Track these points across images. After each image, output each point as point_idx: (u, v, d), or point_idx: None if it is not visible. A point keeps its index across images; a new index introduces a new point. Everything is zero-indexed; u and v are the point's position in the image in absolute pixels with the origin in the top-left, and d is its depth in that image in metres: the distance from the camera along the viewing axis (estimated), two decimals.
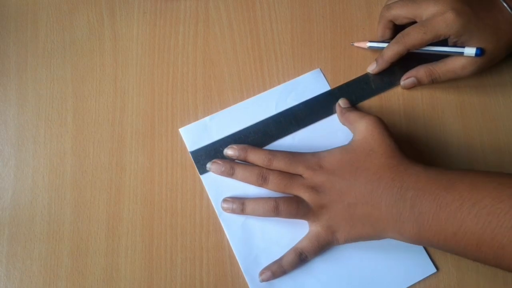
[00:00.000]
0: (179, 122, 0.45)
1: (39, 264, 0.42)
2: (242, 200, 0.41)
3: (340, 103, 0.44)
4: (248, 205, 0.41)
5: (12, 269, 0.42)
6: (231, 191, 0.43)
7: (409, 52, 0.43)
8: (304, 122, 0.45)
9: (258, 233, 0.42)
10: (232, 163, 0.42)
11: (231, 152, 0.43)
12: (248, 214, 0.41)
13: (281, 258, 0.41)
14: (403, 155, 0.39)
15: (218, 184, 0.43)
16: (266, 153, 0.41)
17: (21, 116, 0.45)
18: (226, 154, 0.43)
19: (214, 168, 0.42)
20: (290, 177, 0.40)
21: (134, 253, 0.42)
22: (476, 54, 0.41)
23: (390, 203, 0.37)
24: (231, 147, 0.43)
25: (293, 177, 0.40)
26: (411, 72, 0.45)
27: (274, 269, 0.40)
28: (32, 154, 0.44)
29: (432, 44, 0.42)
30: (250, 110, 0.45)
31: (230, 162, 0.42)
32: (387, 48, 0.44)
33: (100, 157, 0.44)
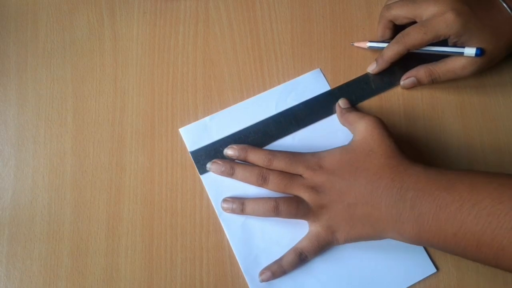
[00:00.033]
0: (179, 122, 0.45)
1: (39, 264, 0.42)
2: (242, 200, 0.41)
3: (340, 103, 0.44)
4: (248, 205, 0.41)
5: (12, 269, 0.42)
6: (231, 191, 0.43)
7: (409, 52, 0.43)
8: (304, 122, 0.45)
9: (258, 233, 0.42)
10: (232, 163, 0.42)
11: (231, 152, 0.43)
12: (248, 214, 0.41)
13: (281, 258, 0.41)
14: (403, 155, 0.39)
15: (218, 184, 0.43)
16: (266, 153, 0.41)
17: (21, 116, 0.45)
18: (226, 154, 0.43)
19: (214, 168, 0.42)
20: (290, 177, 0.40)
21: (134, 253, 0.42)
22: (476, 54, 0.41)
23: (390, 204, 0.37)
24: (231, 147, 0.43)
25: (293, 177, 0.40)
26: (411, 72, 0.45)
27: (274, 269, 0.40)
28: (32, 154, 0.44)
29: (432, 44, 0.42)
30: (250, 110, 0.45)
31: (230, 162, 0.42)
32: (387, 48, 0.44)
33: (100, 157, 0.44)
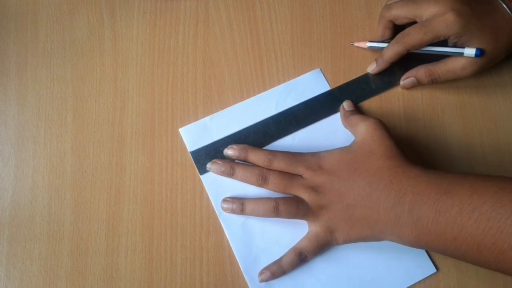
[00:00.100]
0: (179, 122, 0.45)
1: (39, 264, 0.42)
2: (242, 200, 0.41)
3: (344, 105, 0.44)
4: (248, 205, 0.41)
5: (12, 269, 0.42)
6: (231, 191, 0.43)
7: (409, 52, 0.43)
8: (304, 122, 0.45)
9: (258, 233, 0.42)
10: (232, 163, 0.42)
11: (231, 152, 0.43)
12: (248, 214, 0.41)
13: (281, 258, 0.41)
14: (403, 157, 0.38)
15: (218, 184, 0.43)
16: (266, 153, 0.41)
17: (21, 116, 0.45)
18: (226, 154, 0.43)
19: (214, 168, 0.42)
20: (290, 177, 0.40)
21: (134, 253, 0.42)
22: (476, 54, 0.41)
23: (388, 206, 0.37)
24: (231, 147, 0.43)
25: (293, 177, 0.40)
26: (411, 72, 0.45)
27: (274, 269, 0.40)
28: (32, 154, 0.44)
29: (432, 44, 0.42)
30: (250, 110, 0.45)
31: (230, 162, 0.42)
32: (387, 48, 0.44)
33: (100, 157, 0.44)
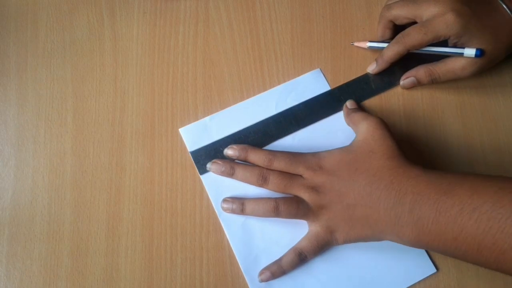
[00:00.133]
0: (179, 122, 0.45)
1: (39, 264, 0.42)
2: (242, 200, 0.41)
3: (347, 104, 0.45)
4: (248, 205, 0.41)
5: (12, 269, 0.42)
6: (231, 191, 0.43)
7: (409, 52, 0.43)
8: (304, 122, 0.45)
9: (258, 233, 0.42)
10: (232, 163, 0.42)
11: (231, 152, 0.43)
12: (248, 214, 0.41)
13: (281, 258, 0.41)
14: (404, 157, 0.38)
15: (218, 184, 0.43)
16: (266, 153, 0.41)
17: (21, 116, 0.45)
18: (226, 154, 0.43)
19: (214, 168, 0.42)
20: (290, 177, 0.40)
21: (134, 253, 0.42)
22: (476, 55, 0.41)
23: (389, 206, 0.37)
24: (231, 147, 0.43)
25: (293, 177, 0.40)
26: (411, 72, 0.45)
27: (274, 269, 0.40)
28: (32, 154, 0.44)
29: (432, 44, 0.42)
30: (250, 110, 0.45)
31: (230, 162, 0.42)
32: (387, 48, 0.44)
33: (100, 157, 0.44)
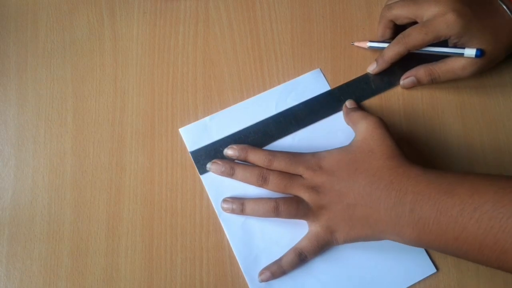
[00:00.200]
0: (179, 122, 0.45)
1: (39, 264, 0.42)
2: (242, 201, 0.41)
3: (346, 103, 0.45)
4: (248, 205, 0.41)
5: (12, 269, 0.42)
6: (231, 191, 0.43)
7: (409, 52, 0.43)
8: (304, 122, 0.45)
9: (258, 233, 0.42)
10: (232, 163, 0.42)
11: (231, 152, 0.43)
12: (248, 214, 0.41)
13: (281, 258, 0.41)
14: (403, 157, 0.38)
15: (218, 184, 0.43)
16: (266, 153, 0.41)
17: (21, 116, 0.45)
18: (226, 154, 0.43)
19: (214, 168, 0.42)
20: (290, 177, 0.40)
21: (134, 253, 0.42)
22: (476, 55, 0.41)
23: (389, 206, 0.37)
24: (231, 147, 0.43)
25: (293, 177, 0.40)
26: (411, 71, 0.45)
27: (274, 269, 0.40)
28: (32, 154, 0.44)
29: (432, 44, 0.42)
30: (250, 110, 0.45)
31: (230, 162, 0.42)
32: (388, 48, 0.44)
33: (100, 157, 0.44)
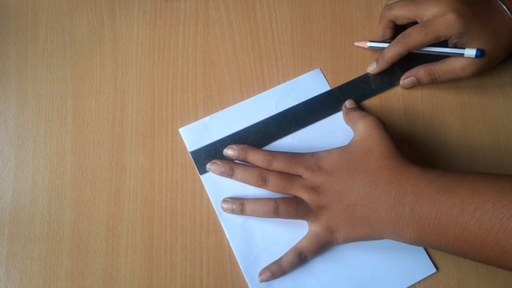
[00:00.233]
0: (179, 122, 0.45)
1: (39, 264, 0.42)
2: (241, 201, 0.41)
3: (346, 103, 0.45)
4: (247, 205, 0.41)
5: (12, 269, 0.42)
6: (231, 191, 0.43)
7: (409, 52, 0.43)
8: (304, 122, 0.45)
9: (258, 233, 0.42)
10: (232, 164, 0.42)
11: (231, 152, 0.43)
12: (247, 214, 0.41)
13: (281, 258, 0.41)
14: (402, 156, 0.38)
15: (218, 184, 0.43)
16: (266, 154, 0.41)
17: (21, 116, 0.45)
18: (226, 154, 0.43)
19: (214, 168, 0.42)
20: (290, 178, 0.40)
21: (134, 253, 0.42)
22: (476, 55, 0.41)
23: (389, 206, 0.37)
24: (231, 147, 0.43)
25: (292, 177, 0.40)
26: (411, 71, 0.45)
27: (274, 269, 0.40)
28: (32, 154, 0.44)
29: (432, 44, 0.42)
30: (250, 110, 0.45)
31: (229, 163, 0.42)
32: (388, 48, 0.44)
33: (100, 157, 0.44)
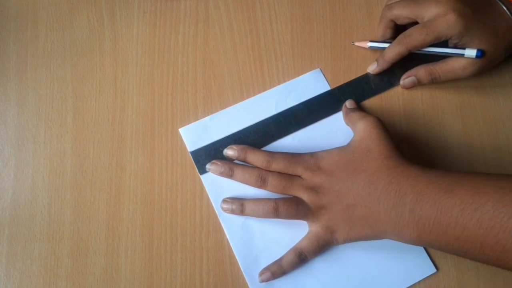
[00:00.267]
0: (179, 122, 0.45)
1: (39, 264, 0.42)
2: (241, 201, 0.41)
3: (346, 103, 0.45)
4: (247, 206, 0.41)
5: (12, 269, 0.42)
6: (231, 191, 0.43)
7: (410, 52, 0.43)
8: (304, 122, 0.45)
9: (258, 233, 0.42)
10: (232, 164, 0.42)
11: (230, 152, 0.43)
12: (247, 215, 0.41)
13: (281, 258, 0.41)
14: (401, 156, 0.38)
15: (218, 184, 0.43)
16: (265, 154, 0.41)
17: (21, 116, 0.45)
18: (225, 154, 0.43)
19: (214, 169, 0.42)
20: (289, 178, 0.40)
21: (134, 253, 0.42)
22: (476, 55, 0.41)
23: (389, 207, 0.37)
24: (231, 147, 0.43)
25: (292, 178, 0.40)
26: (411, 71, 0.45)
27: (274, 270, 0.40)
28: (32, 154, 0.44)
29: (433, 45, 0.42)
30: (250, 110, 0.45)
31: (229, 163, 0.42)
32: (389, 48, 0.44)
33: (100, 157, 0.44)
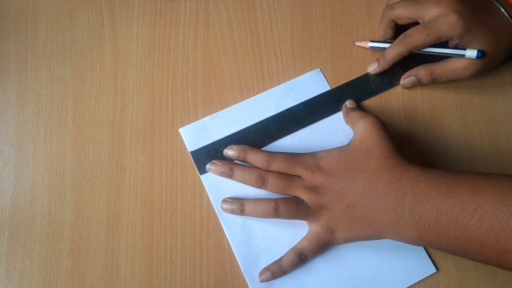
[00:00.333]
0: (179, 122, 0.45)
1: (39, 264, 0.42)
2: (241, 201, 0.41)
3: (346, 103, 0.45)
4: (247, 206, 0.41)
5: (12, 269, 0.42)
6: (231, 191, 0.43)
7: (410, 52, 0.43)
8: (304, 122, 0.45)
9: (258, 233, 0.42)
10: (231, 164, 0.42)
11: (230, 152, 0.43)
12: (247, 215, 0.41)
13: (281, 258, 0.41)
14: (401, 156, 0.38)
15: (218, 184, 0.43)
16: (265, 154, 0.41)
17: (21, 116, 0.45)
18: (225, 154, 0.43)
19: (214, 169, 0.42)
20: (289, 178, 0.40)
21: (134, 253, 0.42)
22: (477, 56, 0.41)
23: (389, 207, 0.37)
24: (231, 147, 0.43)
25: (292, 178, 0.40)
26: (412, 71, 0.45)
27: (274, 270, 0.40)
28: (32, 154, 0.44)
29: (433, 45, 0.42)
30: (250, 110, 0.45)
31: (229, 163, 0.42)
32: (389, 48, 0.44)
33: (100, 157, 0.44)
